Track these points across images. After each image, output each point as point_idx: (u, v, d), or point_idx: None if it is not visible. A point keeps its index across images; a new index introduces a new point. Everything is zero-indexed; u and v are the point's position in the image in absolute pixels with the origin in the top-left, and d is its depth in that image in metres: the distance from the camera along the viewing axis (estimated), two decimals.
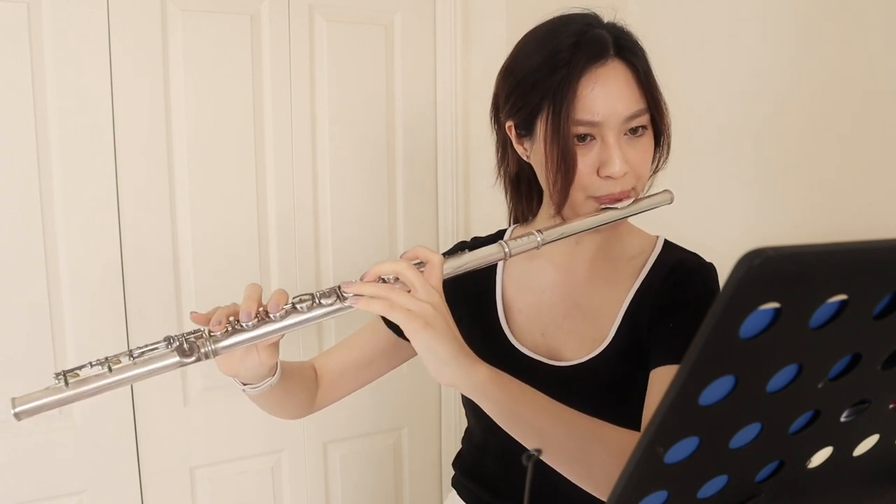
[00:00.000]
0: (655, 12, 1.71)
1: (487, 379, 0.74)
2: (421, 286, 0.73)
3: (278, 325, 0.74)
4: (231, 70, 1.56)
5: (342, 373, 1.00)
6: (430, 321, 0.71)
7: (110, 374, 0.71)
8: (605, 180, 0.82)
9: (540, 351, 0.93)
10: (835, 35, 1.37)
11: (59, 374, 0.70)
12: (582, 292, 0.93)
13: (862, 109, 1.34)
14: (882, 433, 0.49)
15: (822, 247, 0.34)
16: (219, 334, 0.74)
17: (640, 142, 0.83)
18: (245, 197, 1.61)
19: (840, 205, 1.39)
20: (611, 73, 0.80)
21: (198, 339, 0.73)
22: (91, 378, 0.71)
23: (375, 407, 1.81)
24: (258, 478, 1.70)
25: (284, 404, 0.93)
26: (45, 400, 0.69)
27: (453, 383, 0.74)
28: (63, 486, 1.49)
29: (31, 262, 1.42)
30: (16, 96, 1.37)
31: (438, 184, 1.82)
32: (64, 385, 0.70)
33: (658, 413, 0.38)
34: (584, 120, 0.80)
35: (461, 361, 0.73)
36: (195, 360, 0.72)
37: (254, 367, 0.81)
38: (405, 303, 0.72)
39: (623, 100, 0.80)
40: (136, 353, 0.72)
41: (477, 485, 1.00)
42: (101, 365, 0.71)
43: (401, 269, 0.75)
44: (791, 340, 0.38)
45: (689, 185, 1.67)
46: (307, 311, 0.74)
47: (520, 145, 0.90)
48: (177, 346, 0.72)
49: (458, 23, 1.75)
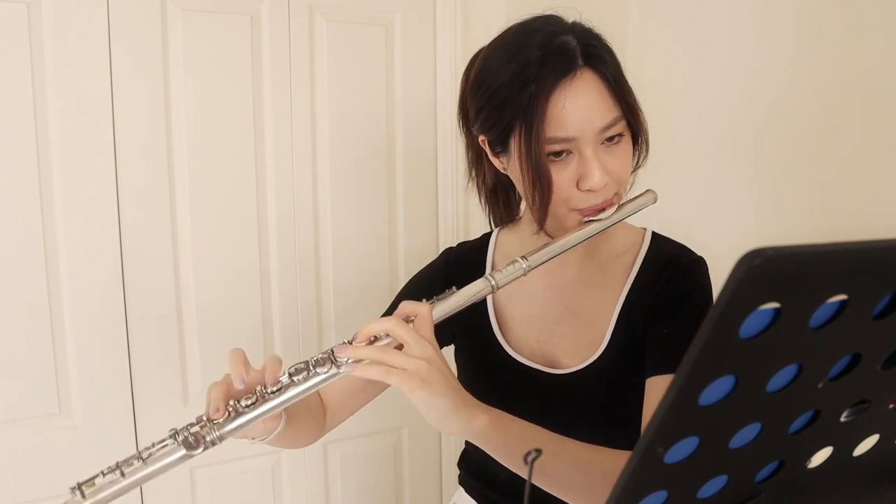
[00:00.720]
0: (655, 11, 1.71)
1: (487, 425, 0.74)
2: (414, 342, 0.73)
3: (277, 402, 0.76)
4: (231, 70, 1.56)
5: (345, 394, 1.01)
6: (426, 378, 0.72)
7: (123, 478, 0.75)
8: (586, 193, 0.81)
9: (536, 359, 0.92)
10: (835, 35, 1.37)
11: (74, 488, 0.75)
12: (573, 296, 0.93)
13: (862, 109, 1.34)
14: (882, 433, 0.49)
15: (822, 247, 0.34)
16: (221, 420, 0.75)
17: (618, 148, 0.82)
18: (245, 197, 1.61)
19: (840, 204, 1.39)
20: (580, 85, 0.78)
21: (202, 429, 0.75)
22: (105, 485, 0.75)
23: (375, 407, 1.79)
24: (258, 478, 1.70)
25: (296, 441, 0.95)
26: None
27: (455, 433, 0.75)
28: (63, 487, 1.49)
29: (31, 263, 1.41)
30: (16, 96, 1.37)
31: (438, 184, 1.82)
32: (81, 497, 0.75)
33: (658, 413, 0.38)
34: (557, 137, 0.78)
35: (460, 413, 0.73)
36: (203, 450, 0.75)
37: (259, 433, 0.83)
38: (400, 363, 0.72)
39: (596, 110, 0.78)
40: (144, 455, 0.76)
41: (483, 484, 1.00)
42: (113, 471, 0.75)
43: (391, 328, 0.75)
44: (791, 340, 0.38)
45: (689, 185, 1.67)
46: (304, 381, 0.76)
47: (496, 159, 0.89)
48: (182, 440, 0.75)
49: (458, 23, 1.75)
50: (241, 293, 1.62)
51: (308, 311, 1.70)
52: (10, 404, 1.42)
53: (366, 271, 1.74)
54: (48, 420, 1.45)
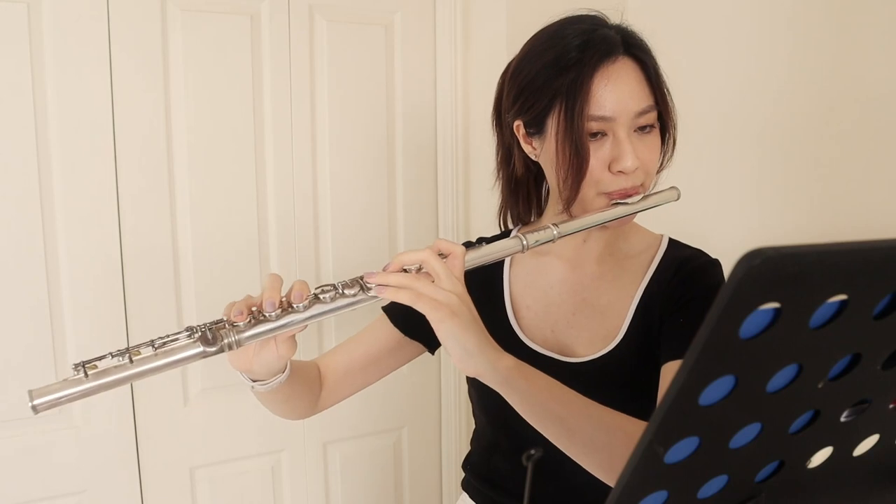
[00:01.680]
0: (655, 11, 1.71)
1: (513, 368, 0.74)
2: (445, 276, 0.73)
3: (303, 316, 0.73)
4: (231, 70, 1.56)
5: (346, 373, 0.99)
6: (455, 311, 0.71)
7: (131, 365, 0.68)
8: (617, 176, 0.83)
9: (550, 347, 0.93)
10: (836, 34, 1.37)
11: (77, 365, 0.67)
12: (590, 289, 0.94)
13: (865, 109, 1.34)
14: (882, 433, 0.49)
15: (822, 247, 0.34)
16: (242, 325, 0.72)
17: (648, 138, 0.85)
18: (245, 197, 1.61)
19: (843, 204, 1.39)
20: (622, 69, 0.82)
21: (220, 329, 0.71)
22: (111, 370, 0.67)
23: (375, 407, 1.81)
24: (258, 478, 1.70)
25: (290, 403, 0.92)
26: (63, 392, 0.66)
27: (478, 374, 0.74)
28: (63, 486, 1.49)
29: (31, 263, 1.42)
30: (16, 96, 1.37)
31: (438, 184, 1.82)
32: (83, 377, 0.66)
33: (658, 413, 0.38)
34: (596, 115, 0.81)
35: (486, 352, 0.73)
36: (218, 350, 0.70)
37: (269, 362, 0.79)
38: (431, 292, 0.72)
39: (634, 96, 0.82)
40: (157, 344, 0.69)
41: (487, 485, 1.00)
42: (122, 356, 0.68)
43: (425, 258, 0.74)
44: (791, 340, 0.38)
45: (693, 184, 1.67)
46: (331, 301, 0.73)
47: (528, 144, 0.90)
48: (199, 335, 0.70)
49: (458, 23, 1.75)
50: (241, 293, 1.62)
51: None
52: (10, 404, 1.42)
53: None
54: (48, 420, 1.45)
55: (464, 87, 1.78)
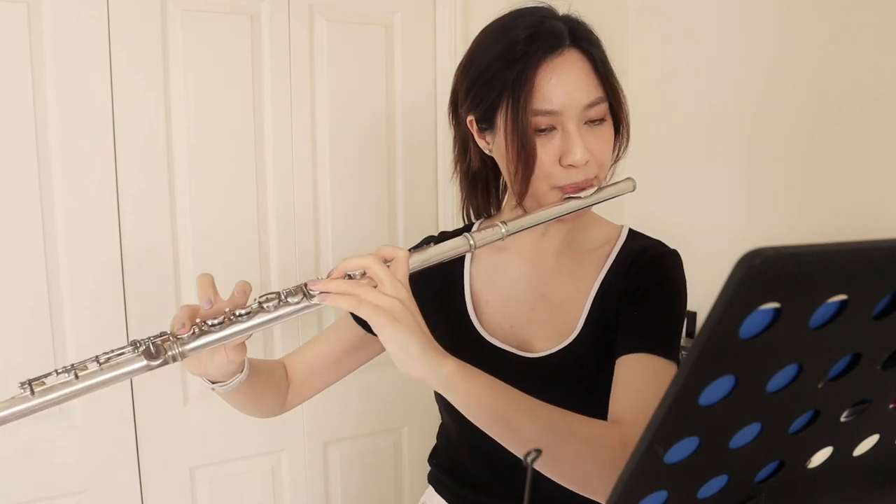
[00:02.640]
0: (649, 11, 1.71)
1: (455, 372, 0.73)
2: (388, 281, 0.73)
3: (245, 325, 0.73)
4: (231, 70, 1.56)
5: (312, 371, 1.00)
6: (397, 316, 0.71)
7: (77, 381, 0.69)
8: (568, 169, 0.83)
9: (509, 342, 0.93)
10: (824, 33, 1.37)
11: (24, 384, 0.68)
12: (549, 283, 0.94)
13: (851, 107, 1.34)
14: (882, 433, 0.49)
15: (822, 247, 0.34)
16: (185, 337, 0.73)
17: (599, 130, 0.84)
18: (245, 197, 1.61)
19: (830, 203, 1.39)
20: (567, 62, 0.81)
21: (164, 343, 0.72)
22: (58, 386, 0.69)
23: (375, 407, 1.81)
24: (258, 478, 1.70)
25: (255, 402, 0.93)
26: (10, 410, 0.67)
27: (421, 377, 0.74)
28: (63, 486, 1.49)
29: (30, 262, 1.41)
30: (16, 96, 1.37)
31: (438, 184, 1.82)
32: (30, 394, 0.68)
33: (658, 413, 0.38)
34: (542, 109, 0.81)
35: (428, 356, 0.73)
36: (162, 363, 0.71)
37: (221, 366, 0.80)
38: (373, 298, 0.72)
39: (581, 88, 0.81)
40: (102, 359, 0.71)
41: (453, 480, 1.00)
42: (68, 372, 0.70)
43: (367, 264, 0.75)
44: (791, 340, 0.38)
45: (681, 183, 1.67)
46: (274, 310, 0.74)
47: (482, 139, 0.91)
48: (143, 349, 0.71)
49: (458, 23, 1.75)
50: None
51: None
52: None
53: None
54: (48, 420, 1.45)
55: None
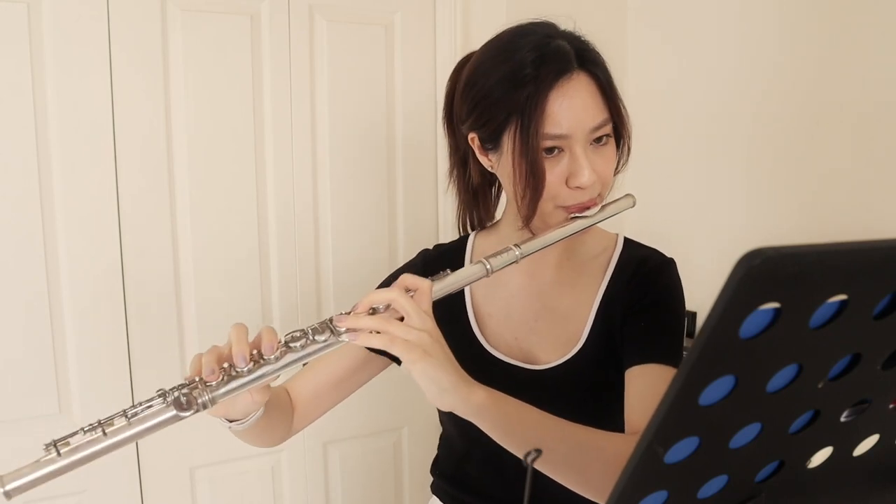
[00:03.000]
0: (648, 16, 1.71)
1: (485, 401, 0.74)
2: (415, 313, 0.73)
3: (274, 367, 0.73)
4: (231, 70, 1.56)
5: (315, 395, 0.99)
6: (428, 350, 0.72)
7: (105, 437, 0.68)
8: (574, 190, 0.84)
9: (514, 355, 0.93)
10: (821, 35, 1.37)
11: (49, 445, 0.66)
12: (550, 294, 0.95)
13: (849, 109, 1.34)
14: (882, 433, 0.49)
15: (822, 247, 0.34)
16: (214, 383, 0.72)
17: (604, 150, 0.85)
18: (245, 197, 1.61)
19: (831, 204, 1.39)
20: (577, 86, 0.82)
21: (193, 391, 0.71)
22: (84, 445, 0.67)
23: (375, 407, 1.81)
24: (258, 478, 1.70)
25: (265, 435, 0.92)
26: (36, 474, 0.65)
27: (452, 408, 0.74)
28: (63, 486, 1.48)
29: (30, 262, 1.41)
30: (16, 97, 1.37)
31: (438, 184, 1.82)
32: (56, 455, 0.66)
33: (658, 413, 0.38)
34: (552, 134, 0.81)
35: (459, 388, 0.73)
36: (193, 412, 0.70)
37: (244, 407, 0.80)
38: (403, 334, 0.72)
39: (588, 111, 0.82)
40: (130, 413, 0.69)
41: (457, 489, 1.00)
42: (94, 430, 0.68)
43: (393, 297, 0.74)
44: (791, 340, 0.38)
45: (679, 186, 1.66)
46: (301, 349, 0.73)
47: (484, 156, 0.91)
48: (173, 400, 0.69)
49: (458, 23, 1.75)
50: (241, 294, 1.62)
51: (308, 310, 1.70)
52: (10, 404, 1.42)
53: (365, 272, 1.74)
54: (48, 420, 1.45)
55: None
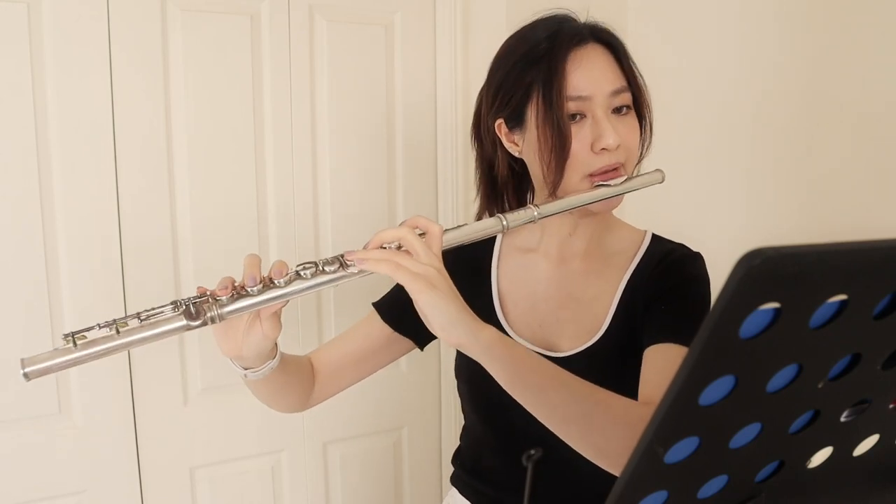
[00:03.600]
0: (654, 10, 1.71)
1: (494, 338, 0.75)
2: (423, 251, 0.74)
3: (283, 291, 0.75)
4: (231, 70, 1.56)
5: (339, 367, 1.01)
6: (434, 282, 0.73)
7: (118, 336, 0.71)
8: (600, 154, 0.85)
9: (537, 342, 0.94)
10: (825, 33, 1.37)
11: (67, 336, 0.70)
12: (575, 283, 0.95)
13: (851, 108, 1.34)
14: (882, 433, 0.49)
15: (822, 247, 0.34)
16: (224, 299, 0.74)
17: (626, 119, 0.87)
18: (245, 197, 1.61)
19: (829, 203, 1.39)
20: (591, 52, 0.85)
21: (203, 304, 0.73)
22: (99, 340, 0.71)
23: (375, 407, 1.81)
24: (258, 478, 1.70)
25: (283, 393, 0.93)
26: (54, 361, 0.70)
27: (460, 343, 0.74)
28: (63, 486, 1.49)
29: (30, 262, 1.41)
30: (16, 96, 1.37)
31: (438, 184, 1.82)
32: (73, 346, 0.70)
33: (658, 413, 0.38)
34: (573, 96, 0.83)
35: (467, 321, 0.74)
36: (201, 323, 0.72)
37: (256, 342, 0.80)
38: (410, 265, 0.73)
39: (606, 75, 0.85)
40: (143, 317, 0.72)
41: (477, 479, 1.01)
42: (110, 327, 0.71)
43: (403, 235, 0.76)
44: (791, 340, 0.38)
45: (680, 184, 1.66)
46: (311, 278, 0.75)
47: (510, 141, 0.92)
48: (184, 309, 0.72)
49: (458, 23, 1.75)
50: None
51: (308, 310, 1.70)
52: (10, 404, 1.42)
53: None
54: (48, 420, 1.45)
55: (464, 86, 1.78)
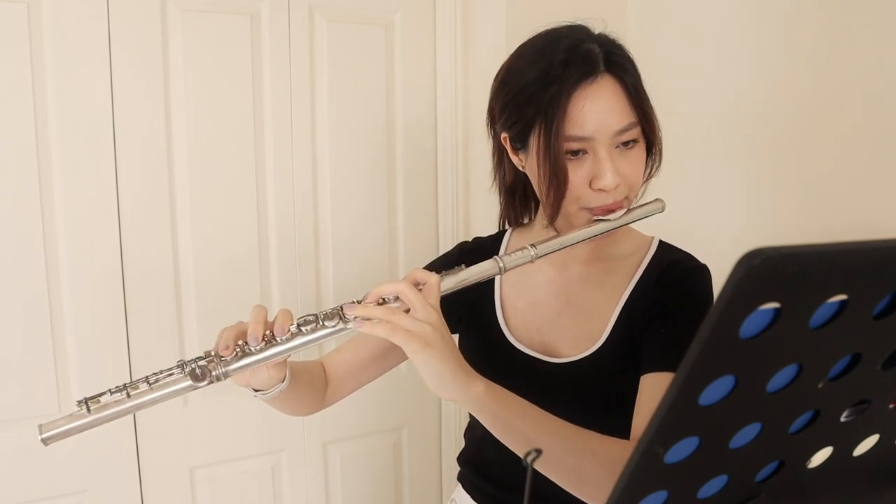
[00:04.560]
0: (654, 11, 1.71)
1: (484, 394, 0.76)
2: (420, 306, 0.76)
3: (284, 347, 0.79)
4: (231, 70, 1.56)
5: (349, 370, 1.03)
6: (429, 341, 0.74)
7: (129, 399, 0.77)
8: (598, 192, 0.84)
9: (536, 348, 0.94)
10: (825, 35, 1.37)
11: (81, 402, 0.77)
12: (576, 290, 0.95)
13: (851, 109, 1.34)
14: (882, 433, 0.49)
15: (822, 247, 0.34)
16: (228, 358, 0.79)
17: (631, 153, 0.85)
18: (245, 197, 1.61)
19: (829, 204, 1.39)
20: (600, 89, 0.82)
21: (209, 364, 0.79)
22: (111, 404, 0.77)
23: (375, 407, 1.81)
24: (258, 478, 1.70)
25: (296, 404, 0.97)
26: (70, 426, 0.78)
27: (452, 399, 0.77)
28: (63, 486, 1.49)
29: (30, 262, 1.41)
30: (16, 96, 1.37)
31: (438, 184, 1.82)
32: (86, 411, 0.77)
33: (658, 413, 0.38)
34: (574, 136, 0.82)
35: (459, 378, 0.75)
36: (207, 383, 0.78)
37: (264, 380, 0.85)
38: (406, 324, 0.75)
39: (613, 115, 0.82)
40: (151, 380, 0.78)
41: (480, 477, 1.02)
42: (120, 391, 0.77)
43: (400, 290, 0.77)
44: (791, 340, 0.38)
45: (680, 185, 1.67)
46: (311, 332, 0.79)
47: (515, 156, 0.92)
48: (189, 370, 0.78)
49: (458, 23, 1.75)
50: (242, 295, 1.62)
51: (308, 310, 1.70)
52: (10, 404, 1.42)
53: (366, 272, 1.74)
54: (48, 420, 1.45)
55: (464, 87, 1.78)
